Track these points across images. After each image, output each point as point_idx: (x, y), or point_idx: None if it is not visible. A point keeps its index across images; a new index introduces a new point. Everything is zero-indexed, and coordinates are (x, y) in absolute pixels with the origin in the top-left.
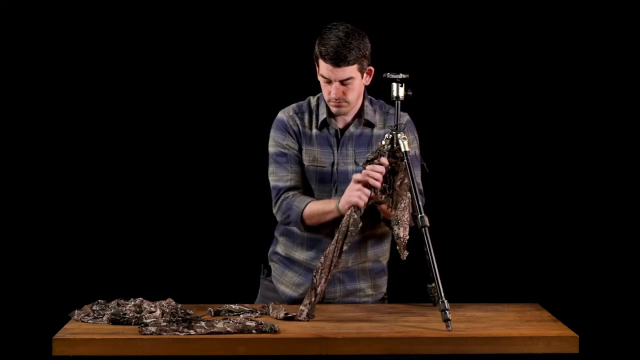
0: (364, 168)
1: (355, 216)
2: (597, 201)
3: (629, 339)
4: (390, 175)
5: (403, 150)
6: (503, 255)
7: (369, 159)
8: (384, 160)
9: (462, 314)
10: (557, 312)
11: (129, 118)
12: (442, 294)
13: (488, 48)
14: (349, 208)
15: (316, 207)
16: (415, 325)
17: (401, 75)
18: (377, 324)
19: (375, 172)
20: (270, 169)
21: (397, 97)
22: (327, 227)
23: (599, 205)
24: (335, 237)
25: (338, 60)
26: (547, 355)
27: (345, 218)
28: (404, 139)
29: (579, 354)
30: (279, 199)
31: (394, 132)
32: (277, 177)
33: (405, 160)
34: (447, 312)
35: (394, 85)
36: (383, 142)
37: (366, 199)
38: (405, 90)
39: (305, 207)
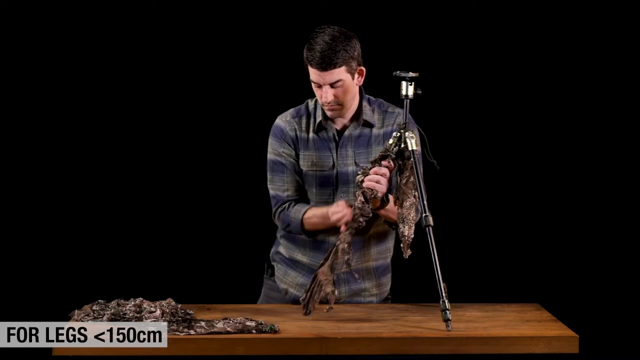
0: (369, 168)
1: (365, 207)
2: (597, 201)
3: (629, 339)
4: (396, 174)
5: (410, 149)
6: (503, 255)
7: (373, 159)
8: (386, 163)
9: (462, 314)
10: (557, 312)
11: (131, 118)
12: (444, 294)
13: (490, 47)
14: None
15: (316, 221)
16: (415, 325)
17: (410, 74)
18: (377, 324)
19: (376, 182)
20: (268, 175)
21: (407, 95)
22: (331, 229)
23: (598, 205)
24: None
25: (324, 64)
26: (547, 355)
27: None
28: (412, 137)
29: (579, 354)
30: (277, 209)
31: (401, 132)
32: (275, 186)
33: (412, 159)
34: (448, 312)
35: (404, 83)
36: (390, 142)
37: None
38: (415, 89)
39: (302, 217)
